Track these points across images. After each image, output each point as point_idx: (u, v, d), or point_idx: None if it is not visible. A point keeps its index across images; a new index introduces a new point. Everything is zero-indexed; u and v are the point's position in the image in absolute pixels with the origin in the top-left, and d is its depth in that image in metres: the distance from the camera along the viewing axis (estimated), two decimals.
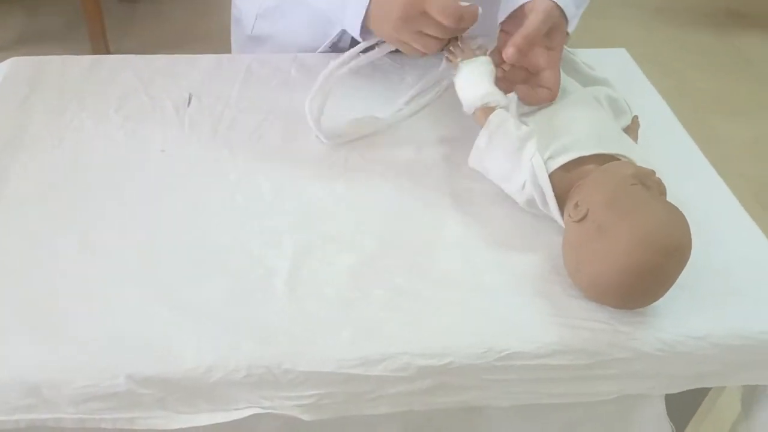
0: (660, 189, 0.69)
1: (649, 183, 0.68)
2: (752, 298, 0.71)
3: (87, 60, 0.98)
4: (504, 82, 0.81)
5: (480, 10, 0.77)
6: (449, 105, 0.89)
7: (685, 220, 0.67)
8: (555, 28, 0.80)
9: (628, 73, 1.06)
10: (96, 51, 2.42)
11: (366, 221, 0.77)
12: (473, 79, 0.80)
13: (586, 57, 1.05)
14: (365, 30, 0.82)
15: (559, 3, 0.79)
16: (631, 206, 0.66)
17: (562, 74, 0.85)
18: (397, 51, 0.92)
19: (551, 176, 0.73)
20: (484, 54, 0.82)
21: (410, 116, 0.92)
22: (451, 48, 0.82)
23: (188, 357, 0.63)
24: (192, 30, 2.65)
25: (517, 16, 0.80)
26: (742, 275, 0.73)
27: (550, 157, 0.73)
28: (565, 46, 0.91)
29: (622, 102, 0.89)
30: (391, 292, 0.69)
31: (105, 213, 0.75)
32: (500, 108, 0.78)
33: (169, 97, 0.91)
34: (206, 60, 0.99)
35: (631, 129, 0.87)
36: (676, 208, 0.68)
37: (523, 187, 0.74)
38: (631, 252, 0.64)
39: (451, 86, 0.94)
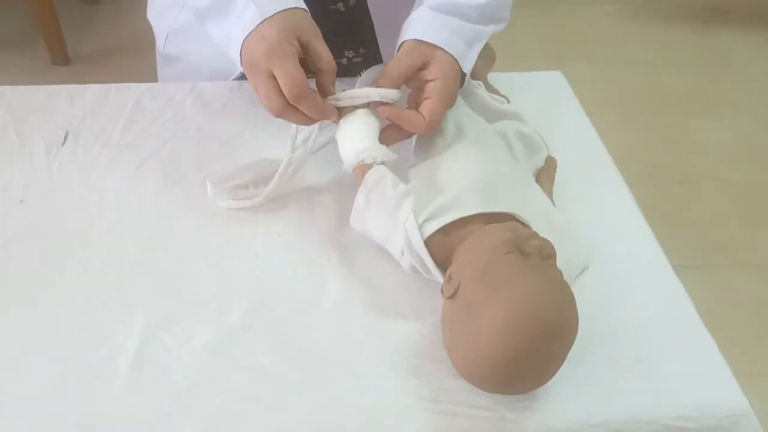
0: (542, 254, 0.60)
1: (527, 249, 0.60)
2: (665, 372, 0.63)
3: None
4: (391, 131, 0.73)
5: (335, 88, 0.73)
6: None
7: (568, 291, 0.59)
8: (429, 63, 0.72)
9: (562, 99, 0.97)
10: (54, 57, 2.34)
11: (236, 284, 0.69)
12: (350, 135, 0.72)
13: (516, 81, 0.97)
14: None
15: (424, 39, 0.72)
16: (502, 280, 0.58)
17: (463, 111, 0.77)
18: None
19: (430, 240, 0.65)
20: (366, 106, 0.74)
21: (311, 155, 0.84)
22: (330, 102, 0.74)
23: None
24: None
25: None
26: (653, 343, 0.65)
27: (427, 219, 0.65)
28: (469, 80, 0.83)
29: (535, 138, 0.80)
30: (250, 376, 0.61)
31: None
32: (378, 164, 0.69)
33: (42, 136, 0.83)
34: (93, 91, 0.90)
35: (545, 171, 0.78)
36: (558, 278, 0.59)
37: (402, 252, 0.66)
38: (501, 335, 0.56)
39: None
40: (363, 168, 0.70)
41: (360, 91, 0.73)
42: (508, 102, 0.86)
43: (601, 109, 1.06)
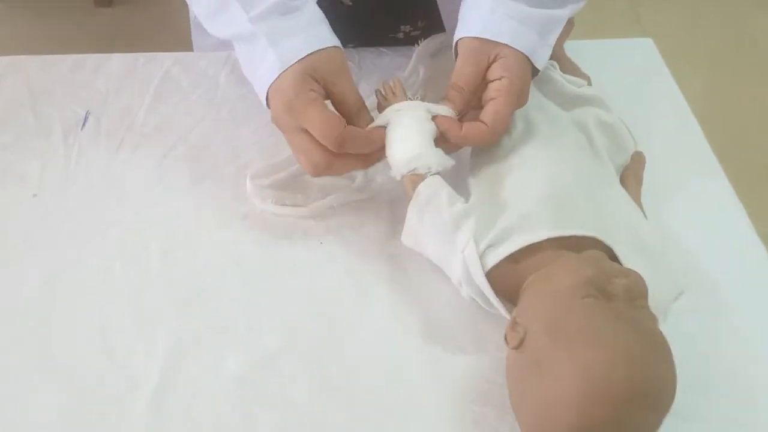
0: (631, 295, 0.49)
1: (611, 290, 0.49)
2: None
3: None
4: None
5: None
6: None
7: (662, 345, 0.48)
8: (493, 62, 0.61)
9: (652, 71, 0.84)
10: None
11: (269, 301, 0.60)
12: (400, 134, 0.60)
13: (596, 51, 0.84)
14: None
15: (484, 36, 0.61)
16: (579, 333, 0.47)
17: (534, 100, 0.64)
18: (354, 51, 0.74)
19: (494, 270, 0.54)
20: (421, 97, 0.62)
21: None
22: (381, 90, 0.63)
23: None
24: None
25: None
26: None
27: (490, 246, 0.54)
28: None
29: (620, 129, 0.68)
30: (283, 415, 0.53)
31: None
32: (432, 175, 0.59)
33: (60, 117, 0.74)
34: (118, 62, 0.81)
35: (632, 170, 0.66)
36: (650, 328, 0.49)
37: (460, 284, 0.56)
38: (579, 403, 0.45)
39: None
40: (414, 178, 0.59)
41: (407, 108, 0.61)
42: (589, 84, 0.73)
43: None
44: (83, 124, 0.74)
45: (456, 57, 0.63)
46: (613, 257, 0.55)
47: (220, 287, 0.61)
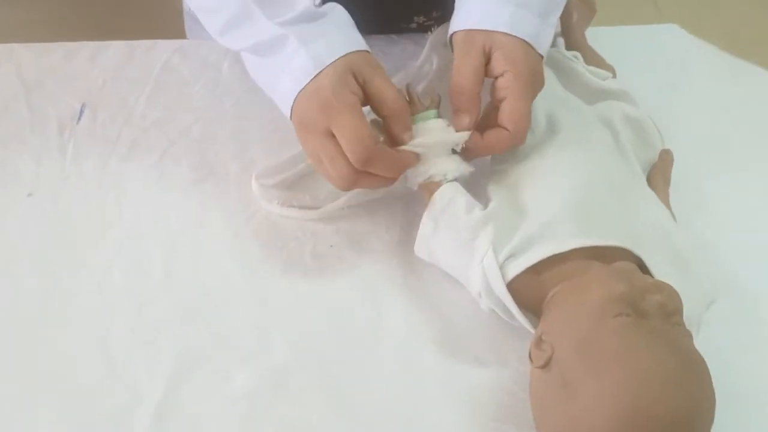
0: (666, 311, 0.46)
1: (645, 307, 0.46)
2: None
3: None
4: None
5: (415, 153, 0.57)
6: None
7: (700, 366, 0.45)
8: (491, 55, 0.56)
9: (679, 60, 0.79)
10: None
11: (278, 310, 0.57)
12: (415, 143, 0.57)
13: (620, 37, 0.80)
14: None
15: (481, 27, 0.56)
16: (611, 354, 0.44)
17: (556, 96, 0.61)
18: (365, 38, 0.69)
19: (516, 281, 0.51)
20: (436, 106, 0.59)
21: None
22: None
23: None
24: None
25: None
26: None
27: (511, 256, 0.51)
28: (561, 51, 0.67)
29: (648, 124, 0.64)
30: None
31: None
32: (448, 182, 0.55)
33: (55, 109, 0.70)
34: (115, 50, 0.77)
35: (659, 169, 0.63)
36: (687, 348, 0.46)
37: (480, 296, 0.53)
38: (603, 429, 0.43)
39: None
40: (431, 186, 0.56)
41: (435, 136, 0.57)
42: (614, 76, 0.69)
43: None
44: (79, 118, 0.70)
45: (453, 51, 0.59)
46: (644, 267, 0.52)
47: (226, 295, 0.58)
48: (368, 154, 0.53)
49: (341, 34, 0.58)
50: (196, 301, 0.57)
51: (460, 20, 0.58)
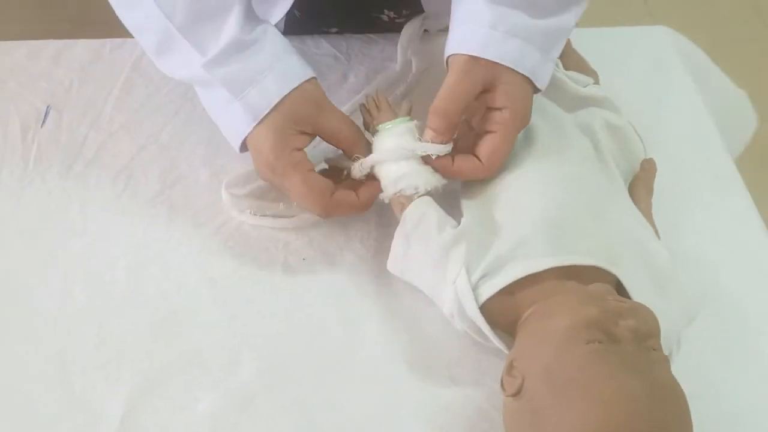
0: (640, 335, 0.44)
1: (618, 333, 0.44)
2: None
3: None
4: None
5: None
6: None
7: (676, 394, 0.43)
8: (494, 88, 0.54)
9: (666, 64, 0.77)
10: None
11: (247, 327, 0.54)
12: (385, 155, 0.55)
13: (607, 39, 0.78)
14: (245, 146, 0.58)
15: (485, 56, 0.53)
16: (581, 383, 0.43)
17: (536, 101, 0.59)
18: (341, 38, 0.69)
19: (488, 303, 0.49)
20: (408, 113, 0.56)
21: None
22: (366, 105, 0.58)
23: None
24: None
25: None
26: None
27: (484, 276, 0.49)
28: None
29: (629, 132, 0.62)
30: None
31: None
32: (420, 196, 0.53)
33: (17, 111, 0.68)
34: (82, 48, 0.74)
35: (641, 180, 0.61)
36: (662, 376, 0.44)
37: (452, 317, 0.51)
38: None
39: (411, 94, 0.70)
40: (402, 200, 0.54)
41: (399, 148, 0.55)
42: (596, 81, 0.67)
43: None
44: (43, 121, 0.67)
45: (448, 69, 0.56)
46: (621, 285, 0.50)
47: (193, 311, 0.55)
48: (326, 208, 0.55)
49: (276, 71, 0.55)
50: (160, 317, 0.55)
51: (461, 41, 0.55)
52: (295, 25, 0.74)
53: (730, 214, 0.64)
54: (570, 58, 0.70)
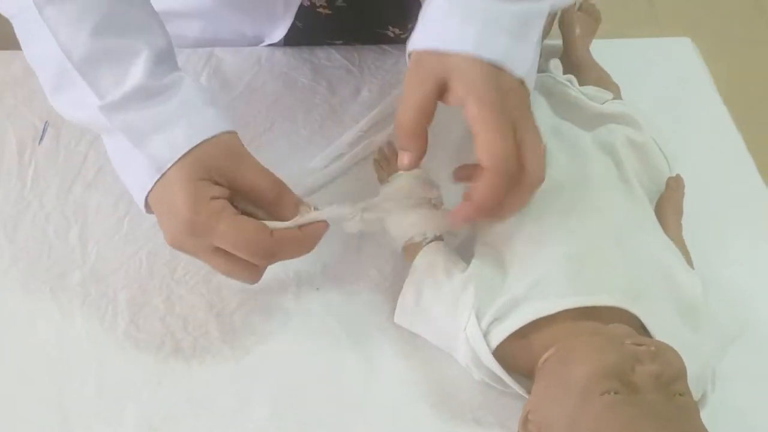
0: (662, 382, 0.41)
1: (635, 381, 0.41)
2: None
3: None
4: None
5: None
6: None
7: None
8: (449, 78, 0.47)
9: (690, 76, 0.74)
10: None
11: (258, 373, 0.51)
12: (392, 205, 0.52)
13: (627, 51, 0.74)
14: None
15: (438, 47, 0.47)
16: None
17: (548, 124, 0.55)
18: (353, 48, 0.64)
19: (502, 348, 0.46)
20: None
21: (355, 164, 0.63)
22: (377, 159, 0.56)
23: None
24: None
25: None
26: None
27: (495, 320, 0.46)
28: (553, 75, 0.61)
29: (652, 148, 0.58)
30: None
31: None
32: (429, 243, 0.51)
33: (15, 128, 0.64)
34: None
35: (669, 200, 0.57)
36: (687, 426, 0.41)
37: (468, 366, 0.48)
38: None
39: None
40: (413, 248, 0.51)
41: (404, 197, 0.51)
42: (617, 96, 0.63)
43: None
44: (41, 138, 0.64)
45: None
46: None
47: (200, 348, 0.52)
48: (269, 249, 0.47)
49: (188, 119, 0.48)
50: (163, 355, 0.51)
51: (417, 37, 0.49)
52: (297, 36, 0.71)
53: (761, 235, 0.61)
54: (590, 72, 0.66)
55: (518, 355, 0.46)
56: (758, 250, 0.59)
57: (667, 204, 0.57)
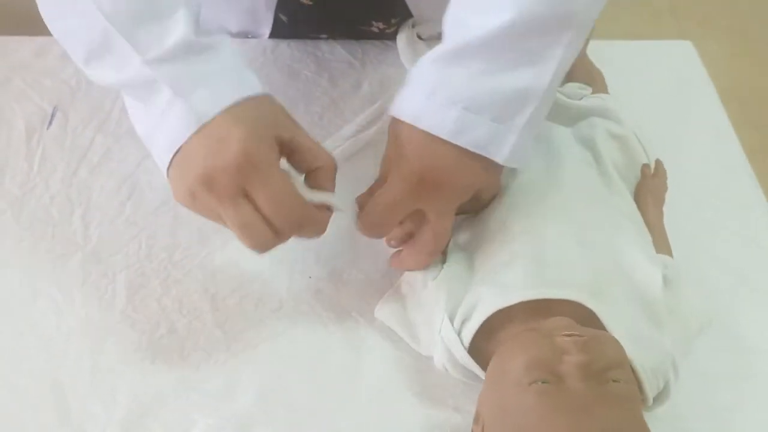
0: (591, 369, 0.41)
1: (563, 370, 0.41)
2: None
3: None
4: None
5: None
6: None
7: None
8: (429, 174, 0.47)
9: (688, 77, 0.74)
10: None
11: (248, 357, 0.52)
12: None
13: (623, 53, 0.75)
14: None
15: (425, 128, 0.47)
16: (523, 427, 0.41)
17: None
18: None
19: (474, 349, 0.47)
20: None
21: (354, 154, 0.65)
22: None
23: None
24: None
25: None
26: None
27: (465, 319, 0.48)
28: None
29: (632, 140, 0.59)
30: None
31: None
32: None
33: (23, 111, 0.66)
34: None
35: (647, 188, 0.58)
36: (613, 414, 0.41)
37: (446, 369, 0.49)
38: None
39: None
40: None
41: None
42: (602, 88, 0.64)
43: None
44: (49, 123, 0.66)
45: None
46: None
47: (193, 330, 0.53)
48: (299, 219, 0.46)
49: (233, 76, 0.48)
50: (158, 337, 0.53)
51: (399, 105, 0.49)
52: (282, 30, 0.72)
53: (752, 239, 0.61)
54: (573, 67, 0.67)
55: (487, 352, 0.47)
56: (752, 251, 0.60)
57: (645, 191, 0.58)
